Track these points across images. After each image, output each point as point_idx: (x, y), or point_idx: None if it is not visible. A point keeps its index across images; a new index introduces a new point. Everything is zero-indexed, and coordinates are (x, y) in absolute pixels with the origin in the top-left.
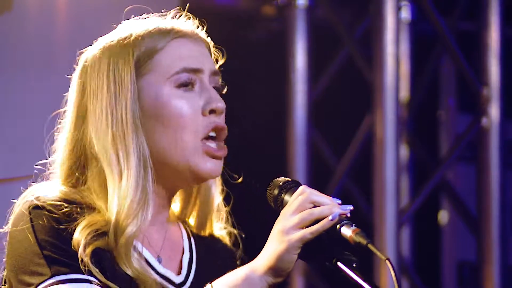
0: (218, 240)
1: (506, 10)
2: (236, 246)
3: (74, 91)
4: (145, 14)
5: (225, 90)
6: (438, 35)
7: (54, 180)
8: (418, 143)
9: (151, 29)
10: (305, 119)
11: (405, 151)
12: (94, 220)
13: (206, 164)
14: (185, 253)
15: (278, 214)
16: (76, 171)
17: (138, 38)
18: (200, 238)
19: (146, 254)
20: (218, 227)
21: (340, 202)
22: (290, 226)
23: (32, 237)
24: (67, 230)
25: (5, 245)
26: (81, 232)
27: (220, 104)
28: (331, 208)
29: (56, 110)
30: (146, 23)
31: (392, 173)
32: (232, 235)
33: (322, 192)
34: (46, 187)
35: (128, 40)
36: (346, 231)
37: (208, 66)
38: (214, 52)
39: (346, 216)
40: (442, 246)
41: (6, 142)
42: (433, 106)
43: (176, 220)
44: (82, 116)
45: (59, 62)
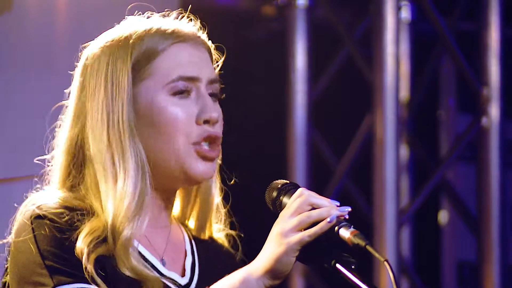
0: (218, 243)
1: (506, 10)
2: (235, 248)
3: (74, 89)
4: (147, 12)
5: (223, 96)
6: (438, 35)
7: (52, 179)
8: (418, 143)
9: (153, 30)
10: (305, 119)
11: (405, 151)
12: (95, 226)
13: (198, 166)
14: (187, 256)
15: (277, 217)
16: (73, 170)
17: (138, 39)
18: (200, 241)
19: (149, 256)
20: (217, 229)
21: (338, 204)
22: (288, 229)
23: (34, 247)
24: (70, 239)
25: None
26: (83, 240)
27: (214, 114)
28: (330, 210)
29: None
30: (148, 24)
31: (392, 173)
32: (230, 237)
33: (322, 192)
34: (46, 195)
35: (128, 40)
36: (345, 233)
37: (206, 73)
38: (215, 54)
39: (345, 217)
40: (442, 246)
41: (6, 142)
42: (433, 106)
43: (177, 222)
44: (80, 114)
45: (59, 62)
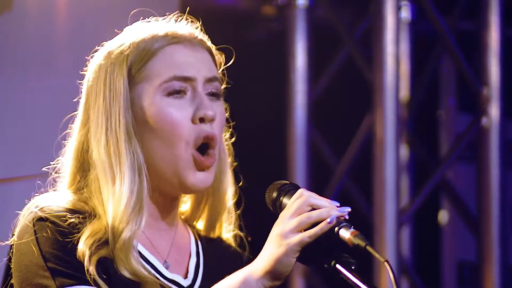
0: (226, 243)
1: (506, 10)
2: (242, 248)
3: (82, 97)
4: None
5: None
6: (438, 35)
7: (60, 184)
8: (418, 143)
9: (147, 34)
10: (305, 119)
11: (405, 151)
12: (97, 228)
13: (195, 176)
14: (192, 257)
15: (277, 217)
16: (78, 174)
17: (133, 44)
18: (208, 241)
19: (152, 259)
20: (226, 230)
21: (338, 204)
22: (288, 230)
23: (36, 249)
24: (72, 241)
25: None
26: (85, 242)
27: (209, 112)
28: (329, 210)
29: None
30: (144, 28)
31: (392, 173)
32: (238, 238)
33: (322, 192)
34: (49, 197)
35: (124, 46)
36: (345, 234)
37: (202, 73)
38: (217, 55)
39: (345, 218)
40: (442, 246)
41: (6, 142)
42: (433, 106)
43: (184, 223)
44: (85, 121)
45: (59, 62)
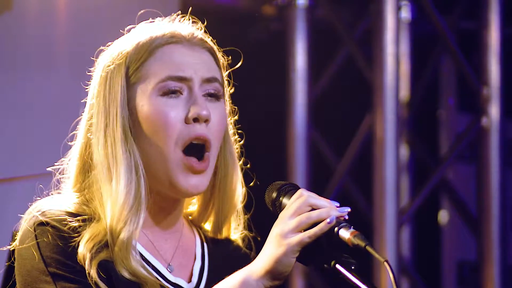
0: (234, 244)
1: (506, 9)
2: (250, 249)
3: (88, 98)
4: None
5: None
6: (438, 35)
7: (64, 185)
8: (418, 143)
9: (144, 35)
10: (305, 119)
11: (405, 151)
12: (96, 231)
13: (187, 181)
14: (196, 260)
15: (276, 217)
16: (81, 176)
17: (132, 44)
18: (215, 242)
19: (155, 263)
20: (235, 231)
21: (338, 204)
22: (288, 230)
23: (37, 254)
24: (72, 245)
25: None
26: (85, 245)
27: (203, 112)
28: (329, 211)
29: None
30: (143, 29)
31: (392, 173)
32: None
33: (322, 192)
34: (51, 201)
35: (123, 47)
36: (345, 234)
37: (200, 73)
38: (220, 56)
39: (344, 218)
40: (442, 245)
41: (6, 142)
42: (433, 106)
43: (190, 225)
44: (89, 123)
45: (59, 62)
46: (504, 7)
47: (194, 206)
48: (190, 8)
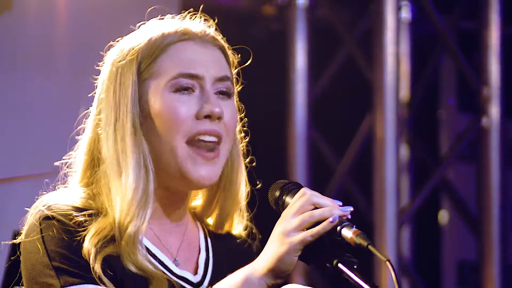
0: (236, 237)
1: (506, 9)
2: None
3: (96, 93)
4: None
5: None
6: (438, 35)
7: (71, 179)
8: (418, 143)
9: (156, 31)
10: (305, 119)
11: (405, 151)
12: (102, 226)
13: (198, 171)
14: (201, 253)
15: (279, 216)
16: (89, 171)
17: (144, 41)
18: (217, 236)
19: (162, 257)
20: (236, 226)
21: (340, 203)
22: (291, 228)
23: (42, 248)
24: (77, 239)
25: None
26: (90, 240)
27: (217, 109)
28: (332, 210)
29: (56, 109)
30: (155, 26)
31: (392, 173)
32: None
33: (322, 192)
34: (57, 195)
35: (135, 43)
36: (347, 233)
37: (212, 72)
38: (231, 54)
39: (347, 217)
40: (442, 245)
41: (6, 142)
42: (433, 106)
43: (194, 218)
44: (98, 117)
45: (59, 62)
46: (504, 7)
47: (198, 200)
48: (190, 7)
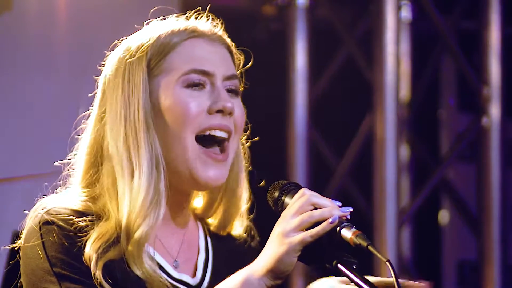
0: (237, 238)
1: (507, 9)
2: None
3: (98, 91)
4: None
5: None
6: (438, 34)
7: (72, 179)
8: (419, 143)
9: (165, 29)
10: (305, 119)
11: (405, 151)
12: (104, 230)
13: (206, 172)
14: (200, 253)
15: (278, 216)
16: (91, 170)
17: (152, 38)
18: (218, 236)
19: (160, 260)
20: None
21: (340, 204)
22: (290, 229)
23: (42, 254)
24: (78, 245)
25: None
26: (92, 245)
27: (229, 104)
28: (331, 210)
29: (56, 109)
30: (162, 24)
31: (392, 173)
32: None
33: (322, 192)
34: (57, 199)
35: (143, 40)
36: (347, 233)
37: (221, 70)
38: (236, 54)
39: (346, 218)
40: (442, 245)
41: (6, 142)
42: (433, 106)
43: (194, 218)
44: (101, 116)
45: (59, 62)
46: (504, 7)
47: (199, 200)
48: (189, 7)
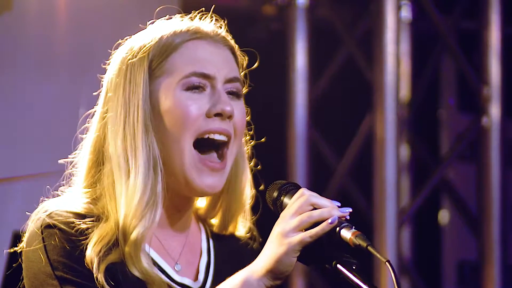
0: (240, 239)
1: (507, 9)
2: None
3: (102, 91)
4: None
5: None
6: (438, 34)
7: (75, 178)
8: (419, 143)
9: (167, 30)
10: (305, 119)
11: (405, 151)
12: (104, 232)
13: (203, 180)
14: (202, 255)
15: (278, 217)
16: (93, 170)
17: (155, 39)
18: (220, 238)
19: (162, 263)
20: (240, 228)
21: (339, 204)
22: (289, 229)
23: (44, 257)
24: (80, 248)
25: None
26: (93, 248)
27: (228, 108)
28: (331, 210)
29: (55, 110)
30: (165, 25)
31: (392, 173)
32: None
33: (322, 192)
34: (58, 202)
35: (145, 41)
36: (346, 234)
37: (223, 72)
38: (240, 55)
39: (346, 218)
40: (442, 245)
41: (6, 142)
42: (433, 106)
43: (197, 219)
44: (104, 115)
45: (59, 62)
46: (504, 7)
47: (202, 201)
48: (213, 6)
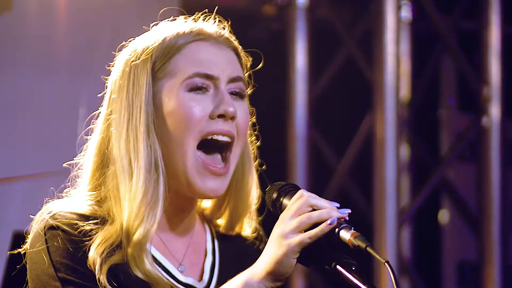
0: (246, 240)
1: (507, 9)
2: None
3: (107, 92)
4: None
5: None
6: (438, 34)
7: (80, 180)
8: (419, 143)
9: (170, 32)
10: (305, 119)
11: (405, 151)
12: (108, 234)
13: (205, 183)
14: (207, 256)
15: (277, 218)
16: (98, 172)
17: (158, 41)
18: (226, 238)
19: (166, 263)
20: (246, 228)
21: (338, 205)
22: (289, 230)
23: (47, 259)
24: (83, 249)
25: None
26: (96, 250)
27: (231, 108)
28: (330, 211)
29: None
30: (168, 26)
31: (392, 172)
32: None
33: (322, 192)
34: (62, 203)
35: (149, 43)
36: (345, 235)
37: (226, 72)
38: (243, 56)
39: (345, 219)
40: (442, 245)
41: (6, 141)
42: (433, 106)
43: (201, 220)
44: (108, 117)
45: (59, 62)
46: (504, 7)
47: (207, 202)
48: (216, 7)
